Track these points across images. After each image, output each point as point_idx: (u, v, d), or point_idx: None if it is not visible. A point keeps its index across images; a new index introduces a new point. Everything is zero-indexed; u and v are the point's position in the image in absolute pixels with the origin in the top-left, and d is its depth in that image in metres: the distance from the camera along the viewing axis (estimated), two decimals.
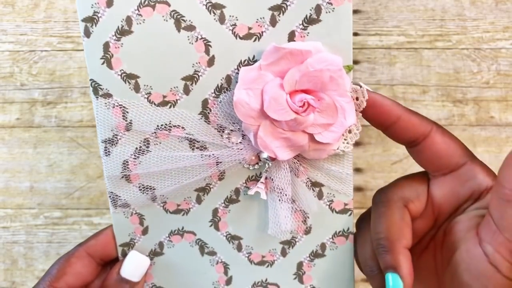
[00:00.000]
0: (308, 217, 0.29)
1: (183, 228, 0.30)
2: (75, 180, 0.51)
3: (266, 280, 0.30)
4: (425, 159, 0.27)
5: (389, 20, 0.50)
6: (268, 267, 0.30)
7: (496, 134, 0.51)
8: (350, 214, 0.29)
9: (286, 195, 0.28)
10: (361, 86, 0.26)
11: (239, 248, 0.30)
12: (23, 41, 0.50)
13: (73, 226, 0.51)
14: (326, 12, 0.25)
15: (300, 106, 0.25)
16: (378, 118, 0.26)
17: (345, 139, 0.27)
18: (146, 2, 0.25)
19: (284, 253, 0.30)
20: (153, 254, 0.30)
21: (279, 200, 0.28)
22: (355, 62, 0.50)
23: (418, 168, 0.29)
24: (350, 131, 0.27)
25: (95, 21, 0.26)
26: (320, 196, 0.29)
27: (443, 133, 0.27)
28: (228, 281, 0.30)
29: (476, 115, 0.50)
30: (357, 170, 0.51)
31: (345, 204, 0.29)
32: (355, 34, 0.50)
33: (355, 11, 0.50)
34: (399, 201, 0.27)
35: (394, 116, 0.26)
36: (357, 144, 0.50)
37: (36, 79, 0.50)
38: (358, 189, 0.51)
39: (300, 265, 0.30)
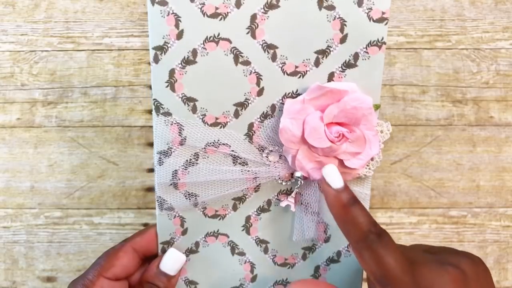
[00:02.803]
0: (328, 228, 0.34)
1: (218, 230, 0.34)
2: (75, 180, 0.51)
3: (286, 279, 0.35)
4: None
5: (389, 20, 0.50)
6: (289, 268, 0.35)
7: (495, 134, 0.51)
8: None
9: (312, 208, 0.32)
10: (385, 121, 0.32)
11: (265, 250, 0.34)
12: (23, 41, 0.50)
13: (74, 226, 0.51)
14: (363, 59, 0.30)
15: (336, 137, 0.29)
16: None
17: (367, 166, 0.32)
18: (211, 38, 0.29)
19: (304, 257, 0.35)
20: (189, 252, 0.34)
21: (305, 212, 0.33)
22: None
23: (418, 168, 0.29)
24: (372, 159, 0.32)
25: (165, 50, 0.29)
26: None
27: None
28: (253, 279, 0.35)
29: (475, 115, 0.51)
30: None
31: None
32: None
33: None
34: None
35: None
36: None
37: (37, 79, 0.50)
38: None
39: (317, 268, 0.35)
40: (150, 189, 0.51)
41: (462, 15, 0.50)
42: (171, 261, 0.33)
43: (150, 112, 0.51)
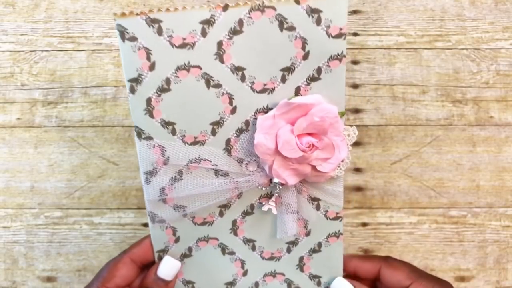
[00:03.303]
0: (308, 223, 0.37)
1: (208, 235, 0.37)
2: (75, 180, 0.51)
3: (274, 271, 0.38)
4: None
5: (389, 20, 0.50)
6: (276, 261, 0.38)
7: (495, 134, 0.51)
8: (341, 220, 0.37)
9: (292, 208, 0.35)
10: (351, 126, 0.35)
11: (253, 248, 0.37)
12: (23, 41, 0.50)
13: (74, 226, 0.51)
14: (325, 72, 0.32)
15: (307, 147, 0.32)
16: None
17: (338, 167, 0.35)
18: (182, 67, 0.31)
19: (289, 250, 0.38)
20: (183, 256, 0.37)
21: (286, 212, 0.35)
22: (355, 62, 0.50)
23: (418, 168, 0.29)
24: (342, 161, 0.35)
25: (139, 81, 0.31)
26: (317, 207, 0.37)
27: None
28: (245, 273, 0.38)
29: (475, 115, 0.51)
30: (357, 170, 0.51)
31: (337, 213, 0.37)
32: (355, 34, 0.50)
33: (355, 11, 0.50)
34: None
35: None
36: (357, 144, 0.50)
37: (37, 79, 0.50)
38: (357, 189, 0.51)
39: (301, 258, 0.38)
40: None
41: (462, 15, 0.50)
42: (167, 268, 0.36)
43: None
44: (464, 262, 0.51)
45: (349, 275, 0.38)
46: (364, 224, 0.51)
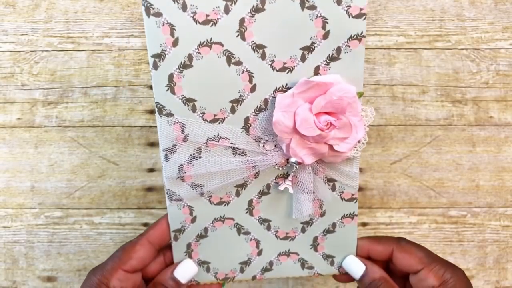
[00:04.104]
0: (323, 204, 0.37)
1: (224, 215, 0.37)
2: (75, 180, 0.51)
3: (288, 250, 0.39)
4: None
5: (389, 20, 0.50)
6: (291, 241, 0.39)
7: (495, 134, 0.51)
8: (356, 201, 0.38)
9: (308, 188, 0.36)
10: (369, 107, 0.35)
11: (268, 228, 0.38)
12: (24, 41, 0.50)
13: (74, 225, 0.51)
14: (345, 52, 0.33)
15: (324, 125, 0.32)
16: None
17: (355, 147, 0.35)
18: (205, 43, 0.32)
19: (303, 230, 0.38)
20: (199, 237, 0.38)
21: (302, 192, 0.36)
22: None
23: (418, 168, 0.29)
24: (359, 141, 0.35)
25: (163, 57, 0.32)
26: (333, 188, 0.37)
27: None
28: (259, 253, 0.39)
29: (475, 115, 0.51)
30: None
31: (352, 195, 0.37)
32: None
33: None
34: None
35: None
36: None
37: (37, 79, 0.51)
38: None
39: (315, 238, 0.39)
40: (150, 189, 0.51)
41: (461, 15, 0.50)
42: (184, 270, 0.37)
43: (150, 112, 0.51)
44: (463, 262, 0.51)
45: (362, 257, 0.39)
46: (364, 224, 0.51)
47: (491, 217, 0.51)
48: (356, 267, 0.38)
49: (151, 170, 0.51)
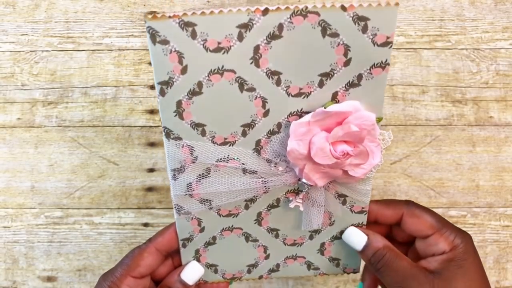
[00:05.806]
0: (333, 215, 0.37)
1: (232, 225, 0.37)
2: (75, 180, 0.51)
3: (295, 254, 0.39)
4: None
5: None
6: (298, 246, 0.39)
7: (495, 134, 0.51)
8: (365, 214, 0.37)
9: (318, 204, 0.35)
10: (387, 131, 0.34)
11: (276, 236, 0.38)
12: (24, 41, 0.50)
13: (74, 225, 0.51)
14: (366, 80, 0.31)
15: (341, 155, 0.31)
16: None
17: (371, 171, 0.34)
18: (216, 71, 0.30)
19: (311, 238, 0.38)
20: (208, 244, 0.38)
21: (312, 206, 0.35)
22: None
23: (418, 168, 0.29)
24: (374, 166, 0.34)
25: (170, 84, 0.30)
26: (344, 202, 0.36)
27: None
28: (267, 257, 0.39)
29: (475, 115, 0.51)
30: None
31: (362, 208, 0.37)
32: None
33: None
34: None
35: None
36: None
37: (37, 79, 0.51)
38: None
39: (322, 244, 0.39)
40: (150, 189, 0.51)
41: (461, 15, 0.50)
42: (191, 272, 0.37)
43: (150, 112, 0.51)
44: None
45: (369, 222, 0.38)
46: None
47: (491, 217, 0.51)
48: (357, 238, 0.36)
49: (151, 170, 0.51)
